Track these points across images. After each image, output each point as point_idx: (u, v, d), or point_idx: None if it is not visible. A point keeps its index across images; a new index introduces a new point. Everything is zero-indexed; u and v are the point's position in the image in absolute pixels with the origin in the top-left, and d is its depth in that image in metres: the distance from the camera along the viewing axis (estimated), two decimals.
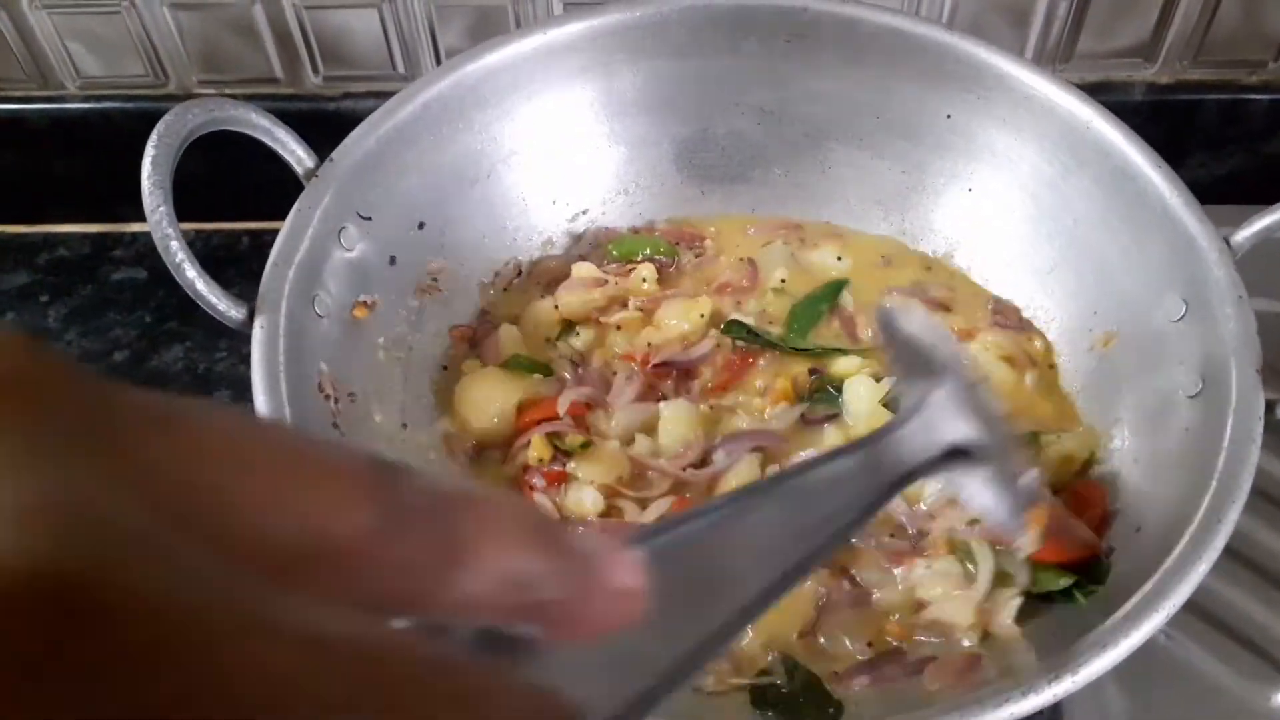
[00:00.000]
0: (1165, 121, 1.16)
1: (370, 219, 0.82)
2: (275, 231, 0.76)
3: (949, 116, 0.91)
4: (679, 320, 0.90)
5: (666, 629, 0.33)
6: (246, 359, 0.72)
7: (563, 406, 0.84)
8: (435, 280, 0.90)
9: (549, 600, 0.27)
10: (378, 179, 0.83)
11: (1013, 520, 0.65)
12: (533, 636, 0.28)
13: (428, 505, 0.25)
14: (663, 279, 0.94)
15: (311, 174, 0.79)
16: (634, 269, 0.94)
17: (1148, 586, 0.61)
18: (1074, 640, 0.60)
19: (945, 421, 0.62)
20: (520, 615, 0.27)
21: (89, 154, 1.21)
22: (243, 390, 1.03)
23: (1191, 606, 0.82)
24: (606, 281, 0.92)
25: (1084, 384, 0.86)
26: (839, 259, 0.96)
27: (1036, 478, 0.78)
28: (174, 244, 0.71)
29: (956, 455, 0.59)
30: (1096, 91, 1.12)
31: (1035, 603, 0.75)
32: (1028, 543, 0.75)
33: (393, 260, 0.86)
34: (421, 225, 0.88)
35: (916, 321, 0.81)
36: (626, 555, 0.29)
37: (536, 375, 0.88)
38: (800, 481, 0.48)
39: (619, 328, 0.91)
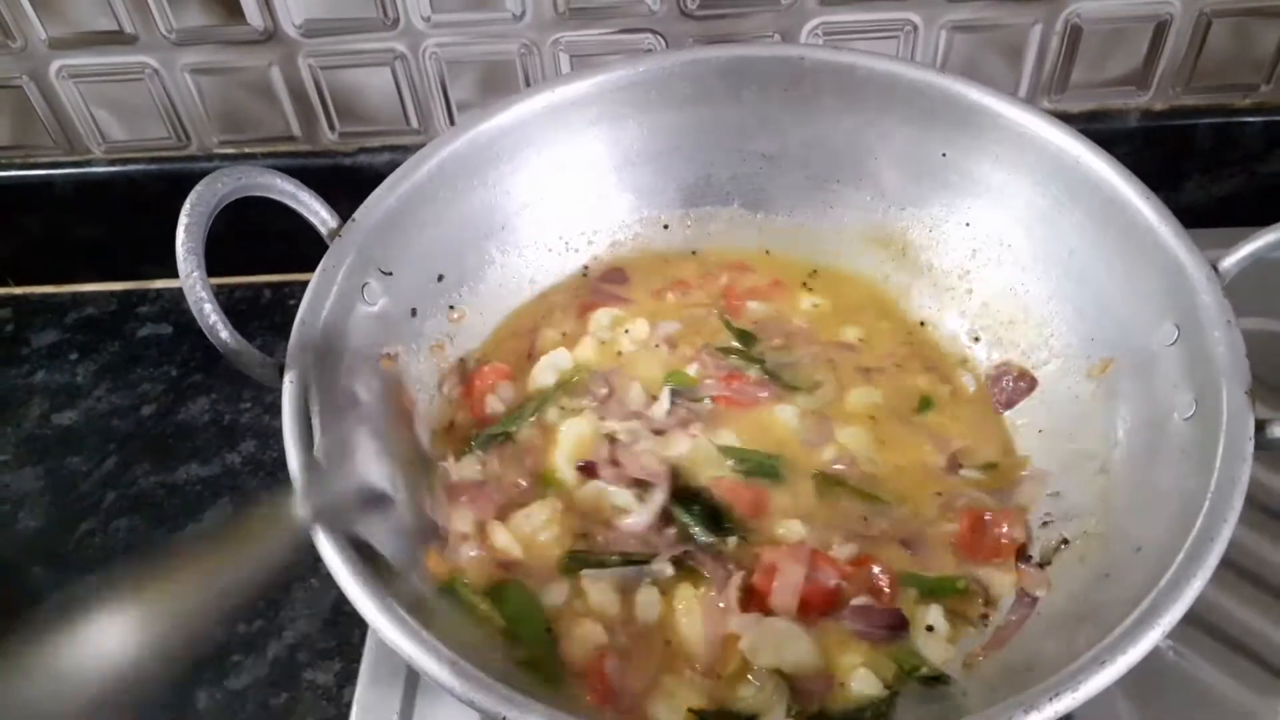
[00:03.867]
0: (1161, 146, 1.19)
1: (391, 274, 0.85)
2: (297, 284, 0.78)
3: (944, 155, 0.94)
4: None
5: None
6: (270, 409, 0.74)
7: None
8: (454, 329, 0.93)
9: None
10: (397, 236, 0.86)
11: None
12: None
13: None
14: None
15: (334, 234, 0.82)
16: None
17: (1144, 605, 0.63)
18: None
19: None
20: None
21: (114, 216, 1.24)
22: (267, 440, 1.06)
23: (1198, 621, 0.85)
24: None
25: (1083, 409, 0.88)
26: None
27: None
28: (208, 307, 0.74)
29: None
30: (1092, 120, 1.15)
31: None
32: None
33: (414, 312, 0.89)
34: (440, 277, 0.91)
35: None
36: None
37: None
38: None
39: None
